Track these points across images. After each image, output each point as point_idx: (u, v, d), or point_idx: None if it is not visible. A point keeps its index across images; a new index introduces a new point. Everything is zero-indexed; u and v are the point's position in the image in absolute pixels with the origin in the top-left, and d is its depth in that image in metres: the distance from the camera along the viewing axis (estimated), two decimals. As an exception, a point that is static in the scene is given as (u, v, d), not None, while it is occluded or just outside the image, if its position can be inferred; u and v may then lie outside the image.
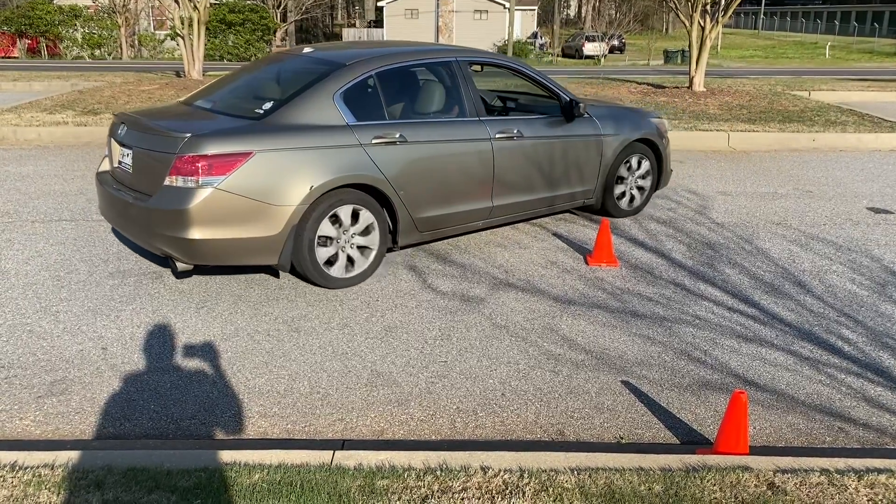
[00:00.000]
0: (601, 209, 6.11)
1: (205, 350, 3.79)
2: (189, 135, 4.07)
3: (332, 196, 4.36)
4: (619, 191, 6.09)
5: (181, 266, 4.25)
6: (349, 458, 2.72)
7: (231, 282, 4.69)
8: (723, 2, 13.92)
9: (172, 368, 3.59)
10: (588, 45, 39.50)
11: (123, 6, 31.10)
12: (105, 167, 4.93)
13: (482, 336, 4.01)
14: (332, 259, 4.50)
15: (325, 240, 4.44)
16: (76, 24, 32.11)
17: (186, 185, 4.03)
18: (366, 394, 3.40)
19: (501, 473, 2.66)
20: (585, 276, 4.93)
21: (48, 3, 31.90)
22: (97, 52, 32.25)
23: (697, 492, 2.57)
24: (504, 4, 39.41)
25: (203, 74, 15.94)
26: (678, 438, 3.11)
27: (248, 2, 33.02)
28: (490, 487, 2.59)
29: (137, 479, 2.57)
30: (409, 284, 4.72)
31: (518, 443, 3.05)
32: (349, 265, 4.59)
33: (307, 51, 5.14)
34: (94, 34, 32.27)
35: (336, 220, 4.44)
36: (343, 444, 2.99)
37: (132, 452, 2.75)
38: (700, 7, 13.57)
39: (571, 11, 73.14)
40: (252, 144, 4.12)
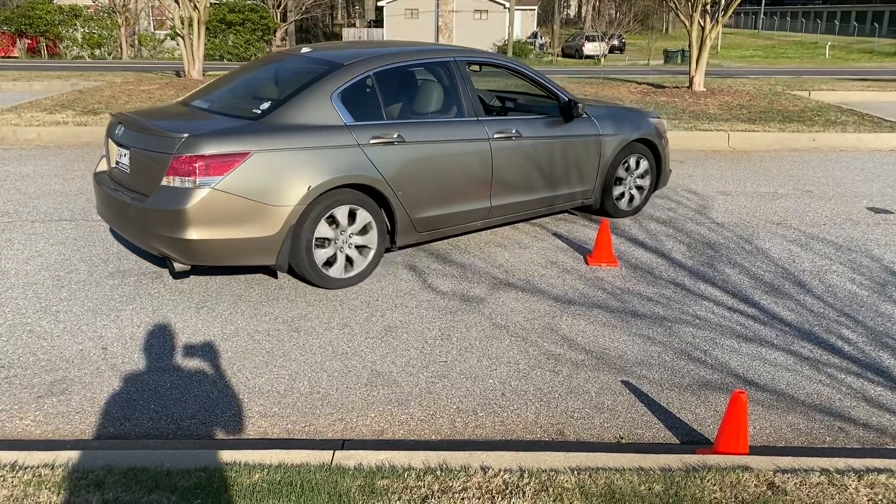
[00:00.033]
0: (600, 209, 6.11)
1: (205, 350, 3.79)
2: (186, 135, 4.06)
3: (330, 196, 4.36)
4: (618, 191, 6.09)
5: (178, 266, 4.24)
6: (349, 458, 2.72)
7: (231, 282, 4.69)
8: (723, 2, 13.92)
9: (172, 368, 3.59)
10: (588, 45, 39.53)
11: (123, 6, 31.11)
12: (102, 167, 4.92)
13: (482, 336, 4.01)
14: (331, 260, 4.50)
15: (323, 241, 4.44)
16: (76, 24, 32.12)
17: (184, 186, 4.02)
18: (366, 394, 3.40)
19: (501, 473, 2.66)
20: (585, 276, 4.93)
21: (48, 3, 31.91)
22: (97, 52, 32.26)
23: (697, 492, 2.58)
24: (504, 4, 39.41)
25: (203, 74, 15.93)
26: (678, 438, 3.11)
27: (248, 1, 33.03)
28: (490, 487, 2.59)
29: (137, 479, 2.57)
30: (410, 284, 4.72)
31: (518, 443, 3.05)
32: (348, 265, 4.59)
33: (305, 51, 5.13)
34: (94, 34, 32.29)
35: (334, 221, 4.44)
36: (343, 444, 2.99)
37: (132, 452, 2.75)
38: (700, 7, 13.57)
39: (571, 11, 73.15)
40: (249, 144, 4.11)
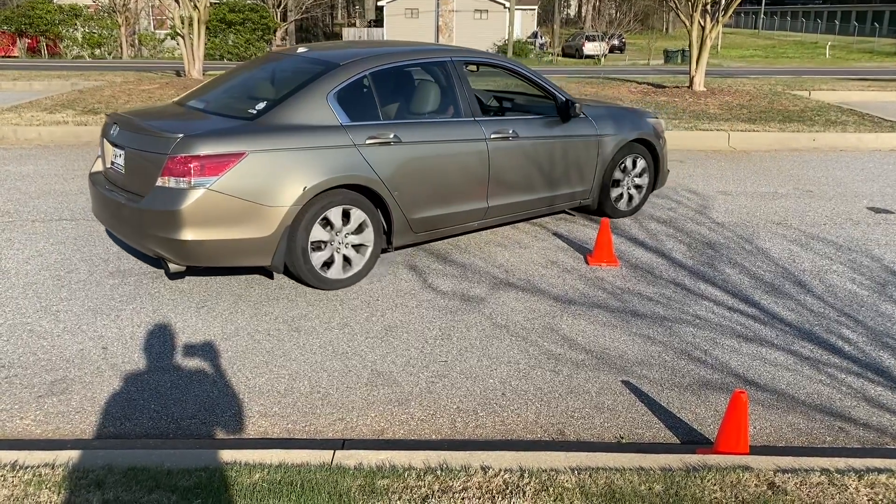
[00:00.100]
0: (598, 209, 6.09)
1: (205, 349, 3.79)
2: (181, 135, 4.04)
3: (326, 197, 4.34)
4: (616, 191, 6.07)
5: (174, 267, 4.23)
6: (349, 458, 2.72)
7: (231, 281, 4.69)
8: (723, 1, 13.92)
9: (173, 368, 3.59)
10: (588, 45, 39.53)
11: (123, 5, 31.11)
12: (98, 168, 4.90)
13: (482, 336, 4.01)
14: (329, 261, 4.49)
15: (320, 243, 4.42)
16: (76, 24, 32.12)
17: (178, 186, 4.01)
18: (366, 393, 3.40)
19: (502, 473, 2.66)
20: (586, 276, 4.93)
21: (48, 3, 31.92)
22: (97, 52, 32.25)
23: (698, 491, 2.58)
24: (504, 4, 39.41)
25: (203, 74, 15.93)
26: (678, 438, 3.11)
27: (249, 1, 33.03)
28: (490, 487, 2.59)
29: (138, 479, 2.57)
30: (410, 284, 4.72)
31: (518, 442, 3.05)
32: (346, 265, 4.58)
33: (301, 50, 5.11)
34: (95, 33, 32.29)
35: (329, 222, 4.42)
36: (343, 444, 2.99)
37: (133, 452, 2.75)
38: (700, 7, 13.56)
39: (571, 11, 73.14)
40: (245, 145, 4.10)
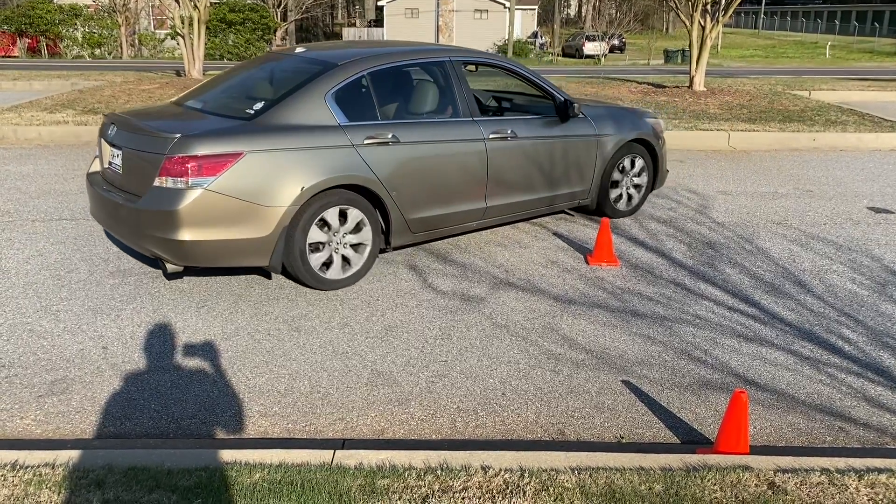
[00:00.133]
0: (597, 209, 6.08)
1: (205, 349, 3.79)
2: (179, 135, 4.03)
3: (324, 197, 4.33)
4: (615, 191, 6.06)
5: (171, 268, 4.22)
6: (350, 458, 2.72)
7: (232, 281, 4.69)
8: (723, 1, 13.92)
9: (173, 368, 3.59)
10: (588, 45, 39.54)
11: (123, 5, 31.10)
12: (95, 168, 4.89)
13: (482, 335, 4.01)
14: (328, 261, 4.48)
15: (318, 245, 4.40)
16: (76, 24, 32.12)
17: (176, 186, 4.00)
18: (366, 393, 3.40)
19: (502, 473, 2.66)
20: (586, 276, 4.93)
21: (48, 3, 31.92)
22: (97, 52, 32.25)
23: (698, 491, 2.58)
24: (504, 4, 39.41)
25: (203, 74, 15.93)
26: (679, 438, 3.11)
27: (249, 1, 33.03)
28: (491, 487, 2.59)
29: (138, 479, 2.57)
30: (410, 284, 4.72)
31: (519, 442, 3.05)
32: (345, 264, 4.57)
33: (299, 50, 5.10)
34: (95, 33, 32.28)
35: (326, 223, 4.40)
36: (344, 444, 2.99)
37: (133, 452, 2.75)
38: (700, 7, 13.56)
39: (572, 11, 73.15)
40: (242, 145, 4.09)
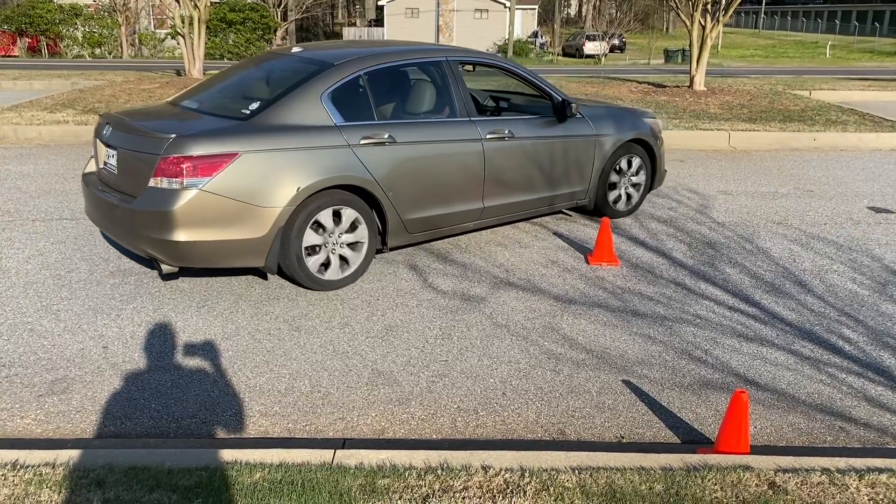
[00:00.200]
0: (595, 210, 6.06)
1: (206, 349, 3.79)
2: (174, 135, 4.02)
3: (320, 197, 4.32)
4: (613, 191, 6.05)
5: (166, 268, 4.20)
6: (350, 457, 2.72)
7: (232, 281, 4.69)
8: (723, 1, 13.92)
9: (173, 367, 3.59)
10: (588, 45, 39.52)
11: (124, 5, 31.10)
12: (91, 168, 4.88)
13: (483, 335, 4.01)
14: (326, 262, 4.47)
15: (314, 247, 4.39)
16: (76, 23, 32.10)
17: (171, 187, 3.98)
18: (367, 393, 3.40)
19: (502, 472, 2.66)
20: (586, 276, 4.93)
21: (48, 2, 31.89)
22: (97, 51, 32.24)
23: (698, 491, 2.58)
24: (505, 3, 39.40)
25: (203, 73, 15.92)
26: (679, 438, 3.11)
27: (249, 0, 33.02)
28: (491, 486, 2.59)
29: (138, 478, 2.57)
30: (410, 283, 4.72)
31: (519, 442, 3.05)
32: (344, 264, 4.56)
33: (296, 50, 5.09)
34: (95, 33, 32.27)
35: (321, 225, 4.39)
36: (344, 443, 2.99)
37: (133, 451, 2.75)
38: (701, 6, 13.56)
39: (572, 10, 73.14)
40: (238, 145, 4.07)
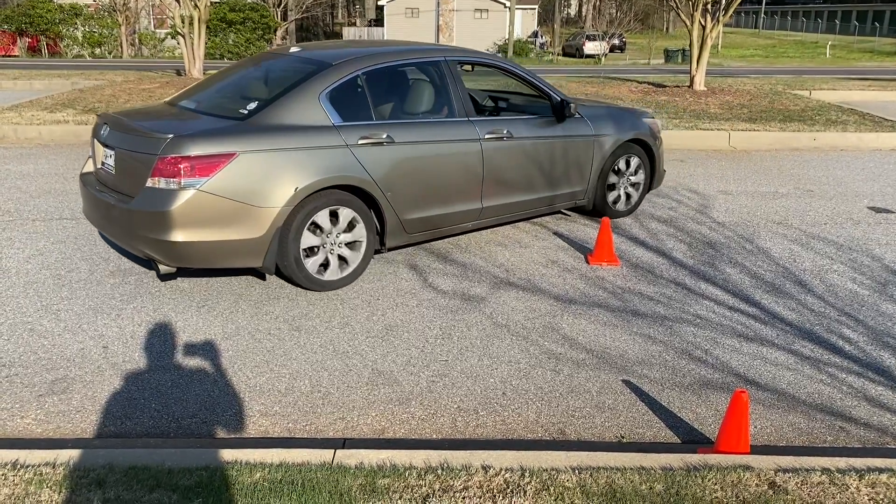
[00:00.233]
0: (593, 210, 6.05)
1: (206, 349, 3.79)
2: (171, 135, 4.01)
3: (318, 198, 4.31)
4: (612, 191, 6.03)
5: (164, 269, 4.20)
6: (350, 457, 2.72)
7: (232, 281, 4.69)
8: (723, 1, 13.92)
9: (173, 367, 3.59)
10: (588, 45, 39.51)
11: (124, 5, 31.09)
12: (89, 168, 4.87)
13: (483, 335, 4.01)
14: (325, 263, 4.47)
15: (312, 249, 4.38)
16: (76, 23, 32.09)
17: (168, 187, 3.97)
18: (367, 392, 3.40)
19: (503, 472, 2.66)
20: (586, 276, 4.93)
21: (48, 2, 31.88)
22: (97, 51, 32.23)
23: (699, 491, 2.58)
24: (505, 3, 39.40)
25: (204, 73, 15.92)
26: (679, 438, 3.11)
27: (249, 0, 33.01)
28: (491, 486, 2.59)
29: (139, 478, 2.57)
30: (410, 283, 4.72)
31: (519, 442, 3.05)
32: (343, 263, 4.56)
33: (294, 50, 5.08)
34: (95, 33, 32.26)
35: (324, 221, 4.38)
36: (344, 443, 2.99)
37: (133, 451, 2.75)
38: (701, 6, 13.56)
39: (572, 10, 73.13)
40: (236, 145, 4.06)
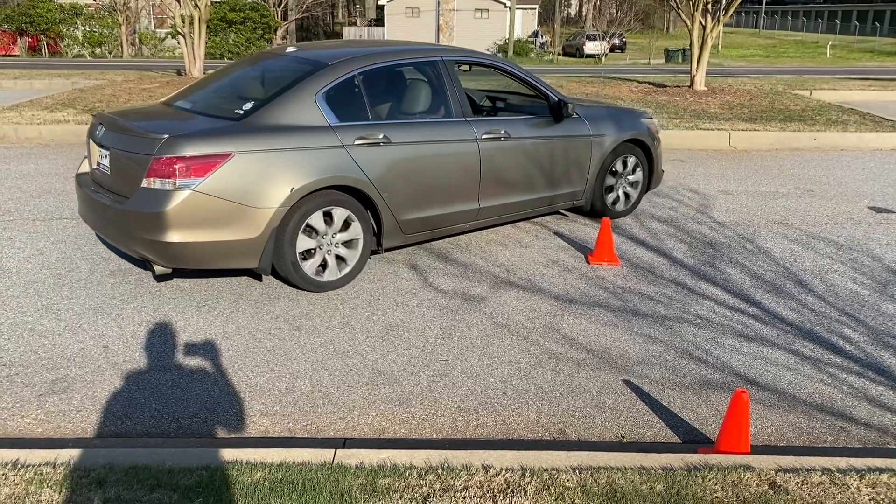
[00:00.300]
0: (591, 210, 6.03)
1: (206, 348, 3.79)
2: (166, 136, 4.00)
3: (314, 198, 4.30)
4: (610, 192, 6.01)
5: (159, 269, 4.19)
6: (351, 457, 2.72)
7: (232, 280, 4.69)
8: (724, 1, 13.91)
9: (174, 367, 3.59)
10: (589, 44, 39.49)
11: (124, 4, 31.09)
12: (84, 169, 4.86)
13: (483, 335, 4.01)
14: (323, 263, 4.47)
15: (311, 248, 4.38)
16: (77, 23, 32.09)
17: (164, 188, 3.96)
18: (367, 392, 3.40)
19: (503, 472, 2.66)
20: (587, 275, 4.93)
21: (49, 2, 31.88)
22: (98, 51, 32.23)
23: (699, 491, 2.57)
24: (505, 3, 39.39)
25: (204, 73, 15.93)
26: (680, 437, 3.11)
27: (249, 0, 33.01)
28: (492, 486, 2.59)
29: (139, 478, 2.57)
30: (410, 283, 4.72)
31: (520, 442, 3.05)
32: (341, 263, 4.55)
33: (290, 50, 5.07)
34: (95, 32, 32.25)
35: (321, 222, 4.38)
36: (345, 443, 2.99)
37: (134, 451, 2.75)
38: (701, 6, 13.56)
39: (572, 10, 73.12)
40: (231, 145, 4.05)
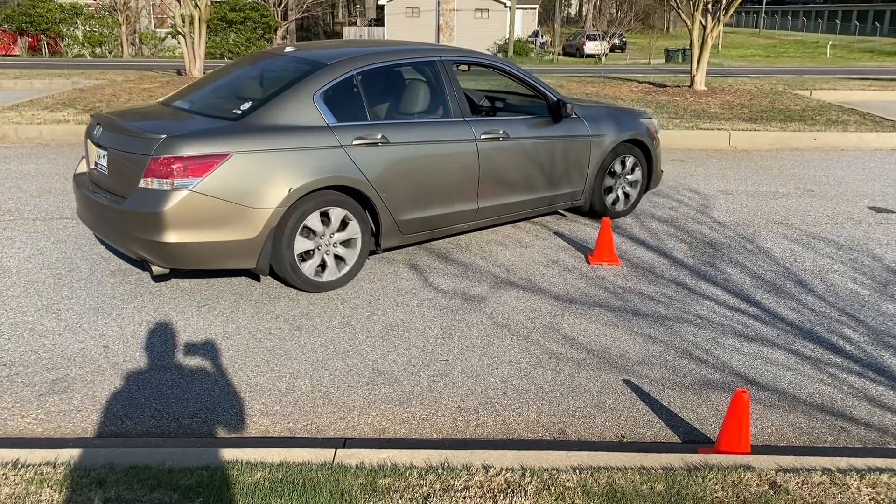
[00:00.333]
0: (590, 210, 6.02)
1: (206, 348, 3.79)
2: (164, 136, 3.99)
3: (313, 198, 4.29)
4: (608, 192, 6.01)
5: (157, 270, 4.18)
6: (351, 457, 2.73)
7: (233, 280, 4.69)
8: (724, 1, 13.91)
9: (174, 367, 3.59)
10: (589, 44, 39.49)
11: (124, 4, 31.09)
12: (82, 169, 4.86)
13: (484, 335, 4.01)
14: (322, 264, 4.46)
15: (309, 249, 4.38)
16: (77, 22, 32.09)
17: (161, 188, 3.96)
18: (367, 392, 3.40)
19: (503, 472, 2.66)
20: (587, 275, 4.93)
21: (49, 2, 31.88)
22: (98, 51, 32.23)
23: (699, 491, 2.57)
24: (505, 3, 39.39)
25: (204, 72, 15.93)
26: (680, 437, 3.11)
27: (249, 0, 33.01)
28: (492, 486, 2.59)
29: (139, 478, 2.57)
30: (411, 283, 4.72)
31: (520, 441, 3.05)
32: (341, 263, 4.55)
33: (289, 50, 5.06)
34: (95, 32, 32.25)
35: (320, 222, 4.37)
36: (345, 443, 2.99)
37: (134, 450, 2.75)
38: (701, 6, 13.56)
39: (572, 10, 73.12)
40: (229, 145, 4.05)
